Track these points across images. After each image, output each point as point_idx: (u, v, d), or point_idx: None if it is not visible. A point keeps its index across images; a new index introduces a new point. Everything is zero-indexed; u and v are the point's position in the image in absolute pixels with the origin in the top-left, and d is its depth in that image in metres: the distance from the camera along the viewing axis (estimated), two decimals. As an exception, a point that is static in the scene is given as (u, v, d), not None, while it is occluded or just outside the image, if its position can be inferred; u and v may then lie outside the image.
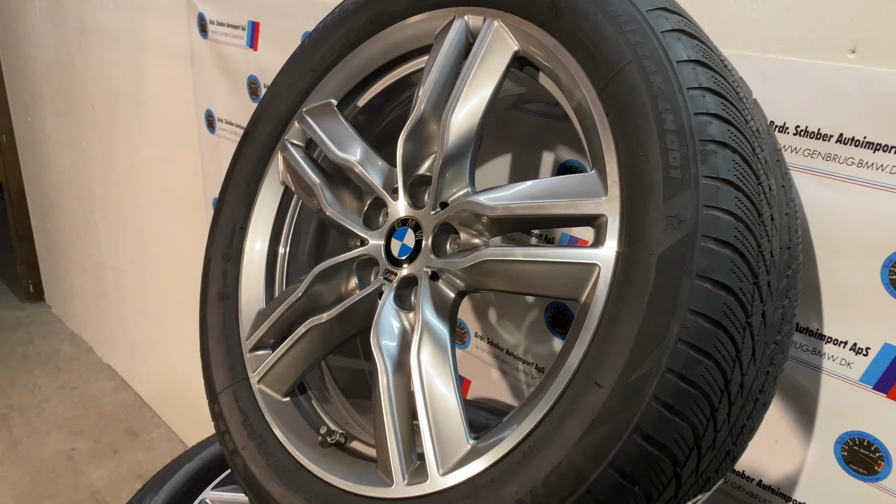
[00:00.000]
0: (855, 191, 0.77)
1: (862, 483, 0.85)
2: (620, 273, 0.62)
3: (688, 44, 0.64)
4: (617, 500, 0.59)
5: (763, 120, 0.72)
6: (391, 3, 0.85)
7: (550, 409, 0.63)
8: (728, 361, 0.59)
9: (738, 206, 0.59)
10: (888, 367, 0.79)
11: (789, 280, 0.67)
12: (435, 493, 0.67)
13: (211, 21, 1.66)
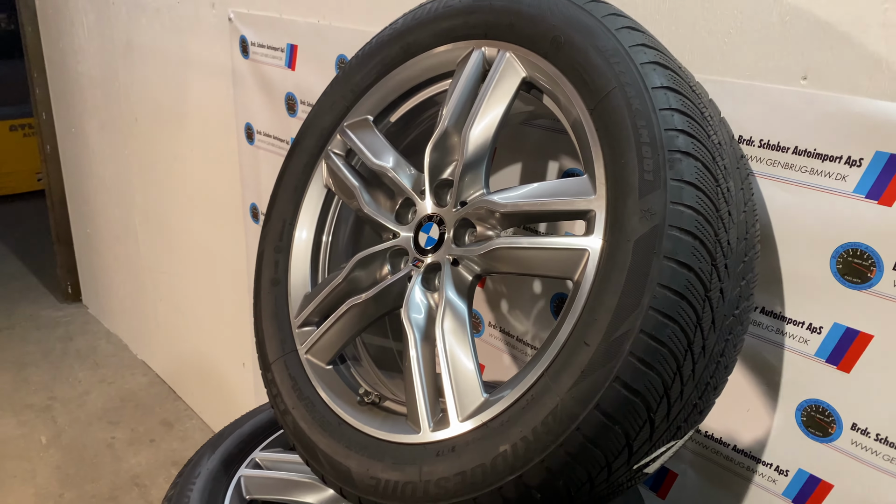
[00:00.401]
0: (808, 194, 0.92)
1: (818, 444, 0.99)
2: (605, 256, 0.77)
3: (661, 73, 0.80)
4: (601, 437, 0.74)
5: (726, 134, 0.87)
6: (420, 35, 1.01)
7: (548, 366, 0.78)
8: (690, 326, 0.74)
9: (698, 203, 0.75)
10: (837, 343, 0.94)
11: (746, 265, 0.82)
12: (455, 436, 0.83)
13: (252, 43, 1.83)
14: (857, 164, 0.87)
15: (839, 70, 0.87)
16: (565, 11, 0.86)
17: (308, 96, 1.71)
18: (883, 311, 0.89)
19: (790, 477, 1.03)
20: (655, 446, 0.80)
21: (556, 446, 0.75)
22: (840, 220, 0.90)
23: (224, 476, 1.10)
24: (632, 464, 0.79)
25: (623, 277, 0.74)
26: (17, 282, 3.83)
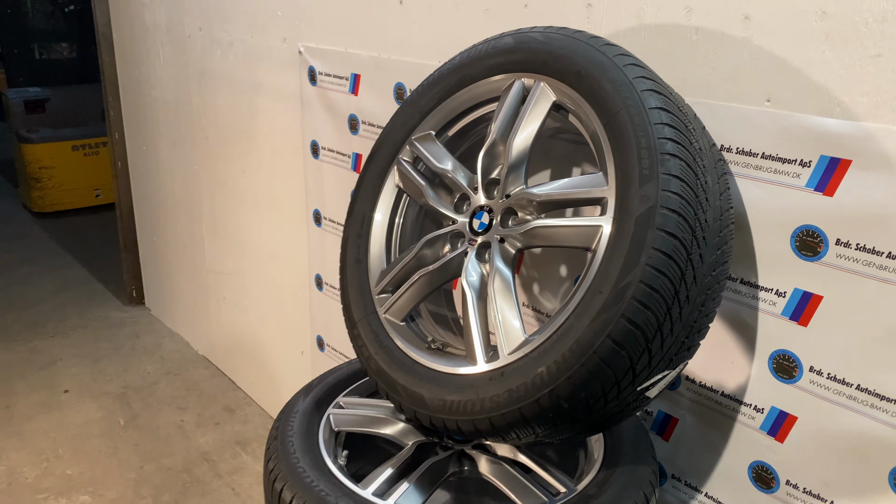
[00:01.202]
0: (772, 188, 1.21)
1: (785, 385, 1.26)
2: (614, 230, 1.06)
3: (656, 97, 1.09)
4: (611, 359, 1.02)
5: (707, 141, 1.16)
6: (474, 69, 1.32)
7: (573, 311, 1.06)
8: (676, 279, 1.02)
9: (682, 190, 1.03)
10: (797, 304, 1.21)
11: (721, 238, 1.10)
12: (504, 365, 1.11)
13: (320, 72, 2.16)
14: (807, 164, 1.16)
15: (793, 95, 1.16)
16: (585, 52, 1.16)
17: (368, 117, 2.02)
18: (829, 277, 1.16)
19: (765, 413, 1.30)
20: (653, 372, 1.08)
21: (578, 366, 1.03)
22: (796, 207, 1.18)
23: (316, 413, 1.39)
24: (636, 385, 1.07)
25: (627, 244, 1.03)
26: (85, 287, 4.19)
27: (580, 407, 1.06)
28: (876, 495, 1.17)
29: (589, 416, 1.08)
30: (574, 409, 1.06)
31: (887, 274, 1.10)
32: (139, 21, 3.20)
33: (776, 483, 1.31)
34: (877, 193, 1.09)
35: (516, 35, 1.27)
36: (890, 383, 1.13)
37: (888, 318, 1.11)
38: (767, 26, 1.17)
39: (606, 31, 1.39)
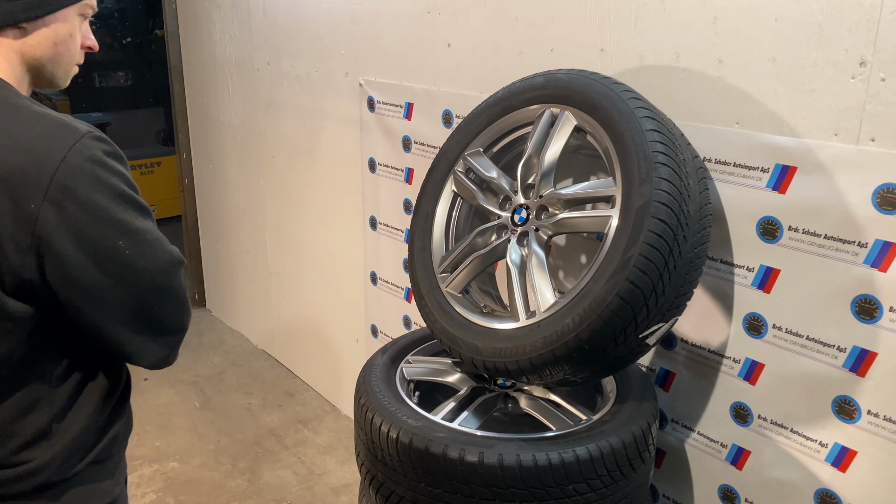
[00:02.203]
0: (742, 189, 1.60)
1: (755, 339, 1.64)
2: (620, 219, 1.45)
3: (650, 122, 1.48)
4: (619, 311, 1.40)
5: (690, 154, 1.55)
6: (513, 101, 1.72)
7: (591, 278, 1.46)
8: (666, 253, 1.41)
9: (669, 188, 1.42)
10: (762, 276, 1.60)
11: (701, 224, 1.49)
12: (540, 319, 1.50)
13: (378, 101, 2.58)
14: (766, 170, 1.55)
15: (755, 119, 1.55)
16: (599, 89, 1.56)
17: (420, 138, 2.44)
18: (785, 255, 1.55)
19: (741, 363, 1.68)
20: (651, 323, 1.46)
21: (595, 317, 1.41)
22: (759, 203, 1.57)
23: (392, 366, 1.79)
24: (638, 332, 1.45)
25: (630, 227, 1.42)
26: (149, 292, 4.64)
27: (597, 348, 1.44)
28: (822, 419, 1.55)
29: (604, 356, 1.47)
30: (593, 350, 1.44)
31: (824, 251, 1.48)
32: (210, 55, 3.66)
33: (750, 418, 1.68)
34: (815, 191, 1.47)
35: (546, 75, 1.68)
36: (829, 333, 1.50)
37: (826, 284, 1.49)
38: (735, 68, 1.57)
39: (615, 71, 1.79)
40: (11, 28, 1.06)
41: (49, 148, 0.96)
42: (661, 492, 1.93)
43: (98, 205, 0.98)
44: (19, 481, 1.05)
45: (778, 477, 1.66)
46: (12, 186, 0.94)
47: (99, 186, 0.98)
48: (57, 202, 0.95)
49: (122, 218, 1.01)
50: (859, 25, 1.36)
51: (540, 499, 1.43)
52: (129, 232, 1.02)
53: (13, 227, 0.94)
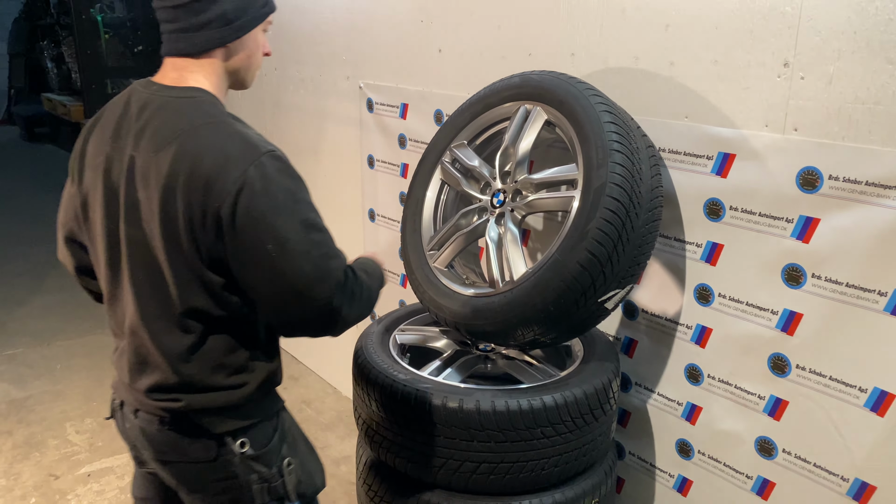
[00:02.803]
0: (691, 174, 1.83)
1: (704, 307, 1.87)
2: (581, 198, 1.68)
3: (608, 115, 1.71)
4: (579, 277, 1.63)
5: (644, 143, 1.78)
6: (493, 98, 1.96)
7: (556, 249, 1.69)
8: (619, 227, 1.63)
9: (622, 172, 1.65)
10: (709, 251, 1.83)
11: (652, 203, 1.72)
12: (515, 285, 1.73)
13: (376, 102, 2.82)
14: (711, 158, 1.78)
15: (701, 113, 1.78)
16: (565, 87, 1.79)
17: (415, 136, 2.67)
18: (727, 232, 1.78)
19: (693, 329, 1.91)
20: (608, 289, 1.69)
21: (558, 281, 1.64)
22: (706, 186, 1.80)
23: (386, 334, 2.02)
24: (597, 296, 1.69)
25: (588, 205, 1.65)
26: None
27: (562, 310, 1.67)
28: (760, 375, 1.77)
29: (568, 318, 1.70)
30: (558, 312, 1.67)
31: (759, 227, 1.71)
32: (220, 62, 3.91)
33: (701, 377, 1.91)
34: (751, 175, 1.71)
35: (521, 76, 1.92)
36: (763, 298, 1.73)
37: (761, 255, 1.72)
38: (684, 69, 1.80)
39: (583, 72, 2.03)
40: (220, 49, 1.35)
41: (236, 163, 1.23)
42: (628, 449, 2.16)
43: (258, 214, 1.23)
44: (226, 399, 1.38)
45: (725, 429, 1.88)
46: (209, 188, 1.23)
47: (262, 199, 1.23)
48: (232, 207, 1.23)
49: (275, 225, 1.24)
50: (782, 32, 1.60)
51: (512, 440, 1.66)
52: (278, 239, 1.25)
53: (207, 219, 1.24)
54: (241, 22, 1.35)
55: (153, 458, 1.44)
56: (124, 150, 1.32)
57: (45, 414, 3.32)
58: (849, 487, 1.64)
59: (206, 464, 1.40)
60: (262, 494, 1.44)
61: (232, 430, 1.39)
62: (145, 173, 1.28)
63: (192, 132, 1.26)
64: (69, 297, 4.69)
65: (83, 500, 2.73)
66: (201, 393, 1.37)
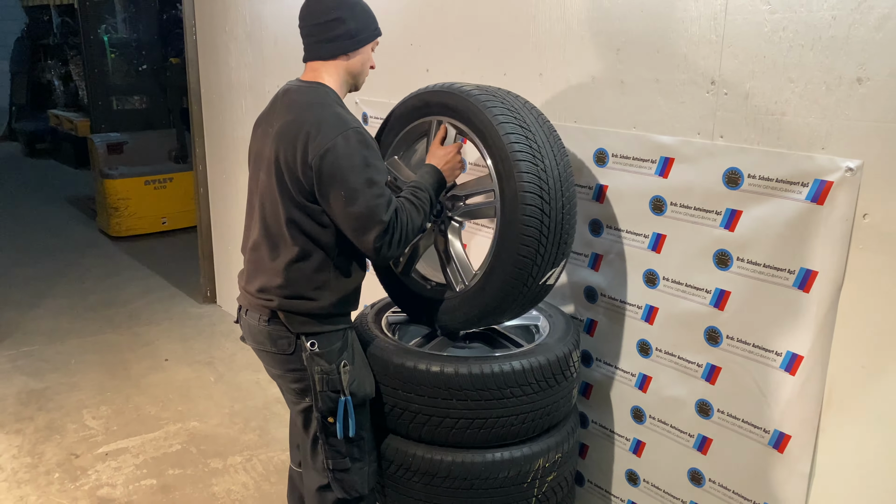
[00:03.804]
0: (638, 176, 2.14)
1: (652, 290, 2.17)
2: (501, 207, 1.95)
3: (511, 126, 1.92)
4: (520, 264, 1.92)
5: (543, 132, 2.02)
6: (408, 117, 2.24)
7: (493, 252, 1.98)
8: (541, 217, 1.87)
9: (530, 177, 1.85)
10: (655, 241, 2.14)
11: (565, 186, 1.93)
12: (468, 287, 2.04)
13: (370, 116, 3.13)
14: (654, 161, 2.09)
15: (647, 124, 2.10)
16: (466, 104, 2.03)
17: (404, 145, 2.97)
18: (669, 224, 2.09)
19: (642, 308, 2.21)
20: (544, 272, 1.97)
21: (501, 279, 1.93)
22: (651, 186, 2.11)
23: (377, 317, 2.31)
24: (537, 280, 1.98)
25: (509, 214, 1.87)
26: (164, 291, 5.17)
27: (510, 299, 1.96)
28: (698, 346, 2.08)
29: (519, 301, 1.99)
30: (507, 300, 1.96)
31: (695, 219, 2.02)
32: (226, 80, 4.23)
33: (650, 350, 2.21)
34: (687, 175, 2.02)
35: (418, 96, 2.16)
36: (699, 279, 2.04)
37: (696, 243, 2.03)
38: (633, 86, 2.13)
39: (550, 90, 2.35)
40: (343, 56, 1.93)
41: (328, 131, 1.78)
42: (591, 418, 2.46)
43: (337, 169, 1.76)
44: (306, 307, 1.90)
45: (671, 394, 2.18)
46: (306, 146, 1.78)
47: (342, 159, 1.76)
48: (320, 161, 1.77)
49: (347, 179, 1.76)
50: (709, 56, 1.92)
51: (485, 398, 1.95)
52: (347, 189, 1.77)
53: (304, 166, 1.79)
54: (360, 38, 1.93)
55: (254, 348, 2.04)
56: (271, 122, 1.92)
57: (63, 402, 3.59)
58: (769, 438, 1.94)
59: (286, 355, 1.94)
60: (322, 383, 1.91)
61: (306, 332, 1.91)
62: (272, 135, 1.87)
63: (305, 107, 1.85)
64: (78, 301, 4.97)
65: (102, 475, 3.00)
66: (289, 298, 1.89)
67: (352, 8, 1.92)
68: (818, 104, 1.72)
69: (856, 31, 1.64)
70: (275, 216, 1.89)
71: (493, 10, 2.50)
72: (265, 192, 1.91)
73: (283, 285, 1.89)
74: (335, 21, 1.89)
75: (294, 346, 1.93)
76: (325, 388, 1.91)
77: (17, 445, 3.21)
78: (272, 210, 1.90)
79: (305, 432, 2.03)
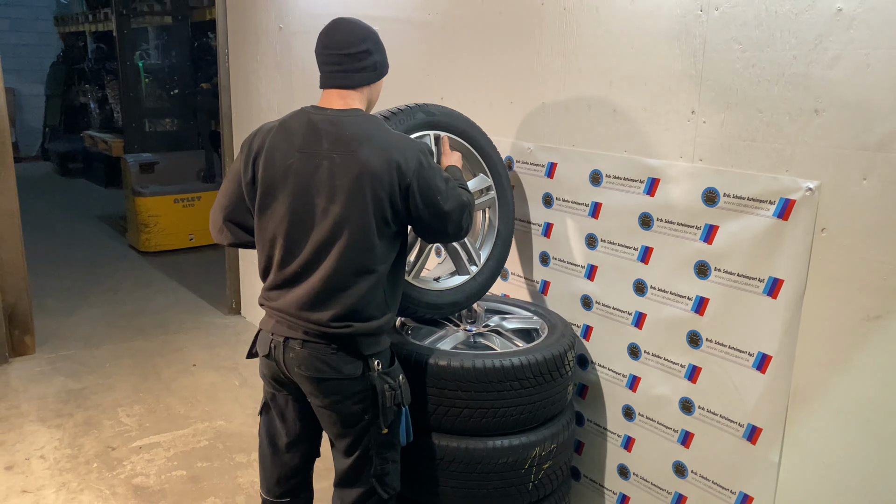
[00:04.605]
0: (628, 194, 2.38)
1: (641, 298, 2.40)
2: (499, 199, 2.24)
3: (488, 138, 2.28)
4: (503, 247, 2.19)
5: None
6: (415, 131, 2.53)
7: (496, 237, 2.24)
8: None
9: (506, 171, 2.21)
10: (643, 252, 2.37)
11: (596, 215, 2.27)
12: (476, 271, 2.29)
13: (389, 139, 3.40)
14: (643, 182, 2.33)
15: (636, 148, 2.35)
16: (464, 123, 2.36)
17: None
18: (656, 237, 2.32)
19: (633, 315, 2.43)
20: None
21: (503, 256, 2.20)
22: (639, 204, 2.35)
23: (394, 318, 2.56)
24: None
25: (506, 201, 2.21)
26: (192, 303, 5.45)
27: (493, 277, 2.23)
28: (681, 348, 2.30)
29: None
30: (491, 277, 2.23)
31: (678, 233, 2.26)
32: (256, 105, 4.54)
33: (640, 353, 2.43)
34: (671, 194, 2.26)
35: (425, 112, 2.49)
36: (682, 288, 2.26)
37: (679, 255, 2.26)
38: (623, 115, 2.38)
39: (551, 117, 2.60)
40: (367, 86, 2.07)
41: (411, 154, 1.96)
42: (586, 417, 2.67)
43: (429, 179, 1.96)
44: (376, 327, 2.00)
45: (657, 393, 2.40)
46: (400, 171, 1.92)
47: (428, 171, 1.96)
48: (416, 179, 1.94)
49: (436, 184, 1.97)
50: (690, 89, 2.17)
51: (487, 390, 2.18)
52: (439, 191, 1.97)
53: (400, 189, 1.93)
54: (381, 70, 2.10)
55: (309, 378, 1.98)
56: (318, 153, 1.93)
57: (99, 401, 3.86)
58: (744, 431, 2.15)
59: (353, 379, 1.98)
60: (391, 399, 2.01)
61: (373, 353, 2.00)
62: (344, 165, 1.90)
63: (370, 137, 1.93)
64: (111, 310, 5.27)
65: (137, 466, 3.25)
66: (364, 321, 1.96)
67: (377, 42, 2.07)
68: (782, 132, 1.96)
69: (813, 69, 1.88)
70: (356, 245, 1.91)
71: (501, 45, 2.77)
72: (342, 223, 1.90)
73: (362, 310, 1.95)
74: (364, 52, 2.01)
75: (362, 369, 1.98)
76: (391, 403, 2.01)
77: (58, 438, 3.47)
78: (354, 239, 1.91)
79: (354, 448, 2.06)
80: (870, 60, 1.77)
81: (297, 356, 1.98)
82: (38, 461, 3.27)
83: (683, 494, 2.36)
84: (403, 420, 2.08)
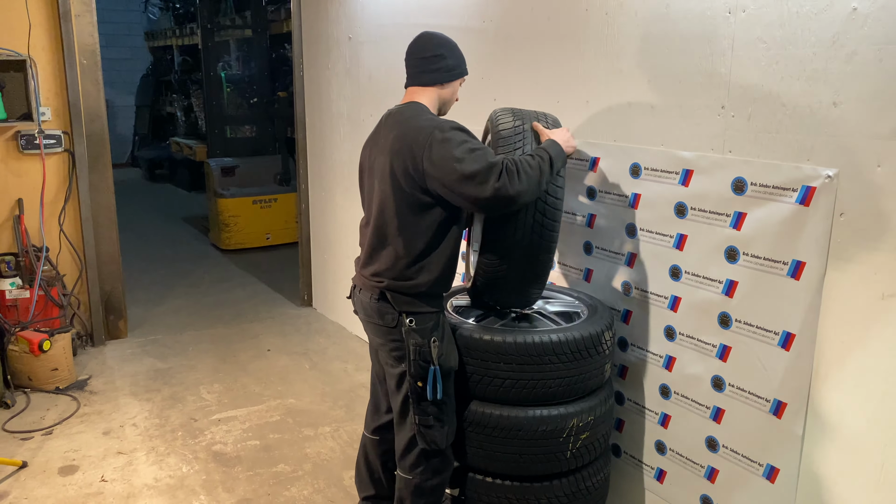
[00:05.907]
0: (664, 185, 2.55)
1: (675, 282, 2.56)
2: None
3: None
4: None
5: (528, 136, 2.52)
6: (527, 132, 2.75)
7: (563, 233, 2.44)
8: None
9: None
10: (678, 240, 2.53)
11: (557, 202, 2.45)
12: (533, 260, 2.50)
13: (447, 139, 3.65)
14: (677, 173, 2.50)
15: (672, 142, 2.51)
16: (533, 113, 2.56)
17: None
18: (690, 225, 2.48)
19: (668, 299, 2.59)
20: None
21: None
22: (674, 194, 2.51)
23: (447, 300, 2.80)
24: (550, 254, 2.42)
25: (585, 202, 2.40)
26: (267, 295, 5.84)
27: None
28: (713, 328, 2.44)
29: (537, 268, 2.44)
30: None
31: (710, 220, 2.41)
32: (327, 110, 4.88)
33: (675, 335, 2.59)
34: (703, 184, 2.41)
35: (513, 113, 2.70)
36: (713, 272, 2.41)
37: (711, 241, 2.40)
38: (660, 111, 2.54)
39: (594, 113, 2.79)
40: (438, 85, 2.39)
41: (426, 132, 2.20)
42: (626, 396, 2.84)
43: (444, 151, 2.15)
44: (408, 287, 2.31)
45: (691, 372, 2.55)
46: (414, 146, 2.19)
47: (443, 142, 2.16)
48: (430, 148, 2.17)
49: (454, 153, 2.14)
50: (720, 86, 2.33)
51: (528, 363, 2.39)
52: (457, 158, 2.13)
53: (416, 165, 2.19)
54: (453, 72, 2.41)
55: (364, 320, 2.45)
56: (377, 140, 2.38)
57: (183, 379, 4.24)
58: (770, 406, 2.28)
59: (390, 328, 2.35)
60: (415, 353, 2.30)
61: (406, 310, 2.31)
62: (382, 147, 2.31)
63: (405, 121, 2.27)
64: (194, 301, 5.71)
65: (216, 435, 3.59)
66: (395, 280, 2.31)
67: (452, 49, 2.41)
68: (804, 123, 2.10)
69: (831, 65, 2.02)
70: (387, 215, 2.29)
71: (549, 48, 2.98)
72: (380, 197, 2.31)
73: (391, 269, 2.31)
74: (437, 57, 2.36)
75: (396, 321, 2.32)
76: (418, 358, 2.29)
77: (147, 410, 3.86)
78: (385, 210, 2.29)
79: (398, 392, 2.41)
80: (882, 55, 1.90)
81: (357, 301, 2.49)
82: (131, 428, 3.66)
83: (715, 468, 2.50)
84: (430, 378, 2.30)
